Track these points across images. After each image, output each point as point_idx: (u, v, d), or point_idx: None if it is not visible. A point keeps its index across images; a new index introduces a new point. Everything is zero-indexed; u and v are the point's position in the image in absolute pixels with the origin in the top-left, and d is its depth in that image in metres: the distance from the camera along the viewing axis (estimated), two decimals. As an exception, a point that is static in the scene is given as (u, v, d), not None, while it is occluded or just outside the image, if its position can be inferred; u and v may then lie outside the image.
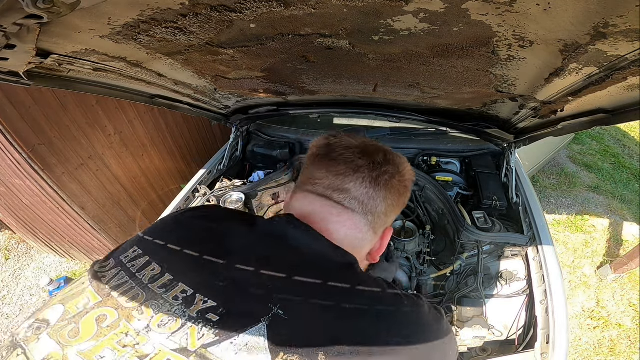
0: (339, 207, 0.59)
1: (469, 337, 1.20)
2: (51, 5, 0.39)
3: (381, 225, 0.63)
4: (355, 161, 0.60)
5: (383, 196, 0.60)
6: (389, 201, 0.61)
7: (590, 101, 0.83)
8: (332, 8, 0.58)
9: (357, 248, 0.60)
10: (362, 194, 0.59)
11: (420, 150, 1.85)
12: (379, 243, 0.65)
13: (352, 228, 0.59)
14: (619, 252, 2.99)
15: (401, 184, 0.64)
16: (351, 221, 0.59)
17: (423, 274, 1.39)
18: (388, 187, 0.61)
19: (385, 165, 0.62)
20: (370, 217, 0.60)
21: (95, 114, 2.36)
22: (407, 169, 0.67)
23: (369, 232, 0.61)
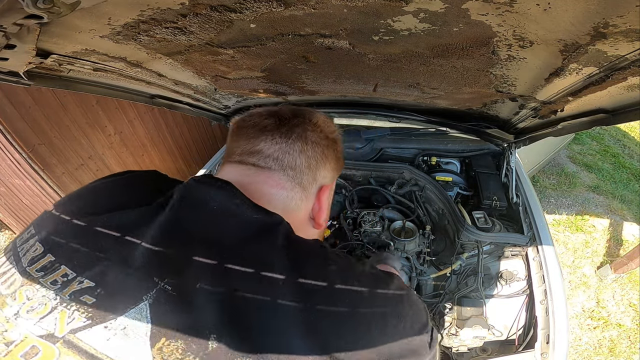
0: (253, 169, 0.56)
1: (469, 337, 1.20)
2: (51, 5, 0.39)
3: (310, 180, 0.59)
4: (262, 122, 0.59)
5: (299, 149, 0.58)
6: (309, 153, 0.58)
7: (590, 101, 0.83)
8: (332, 8, 0.58)
9: (289, 209, 0.56)
10: (274, 150, 0.56)
11: (420, 150, 1.85)
12: (317, 204, 0.61)
13: (273, 186, 0.55)
14: (619, 252, 2.99)
15: (319, 135, 0.61)
16: (270, 179, 0.55)
17: (423, 274, 1.39)
18: (303, 139, 0.58)
19: (294, 119, 0.60)
20: (291, 172, 0.56)
21: (95, 114, 2.36)
22: (321, 119, 0.64)
23: (295, 188, 0.57)
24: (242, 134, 0.59)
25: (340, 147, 0.67)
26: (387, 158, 1.89)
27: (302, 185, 0.58)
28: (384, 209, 1.61)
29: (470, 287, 1.33)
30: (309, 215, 0.61)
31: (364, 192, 1.77)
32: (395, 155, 1.89)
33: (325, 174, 0.62)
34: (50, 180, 2.18)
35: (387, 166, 1.75)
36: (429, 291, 1.42)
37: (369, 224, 1.50)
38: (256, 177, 0.55)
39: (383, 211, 1.59)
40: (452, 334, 1.24)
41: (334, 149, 0.64)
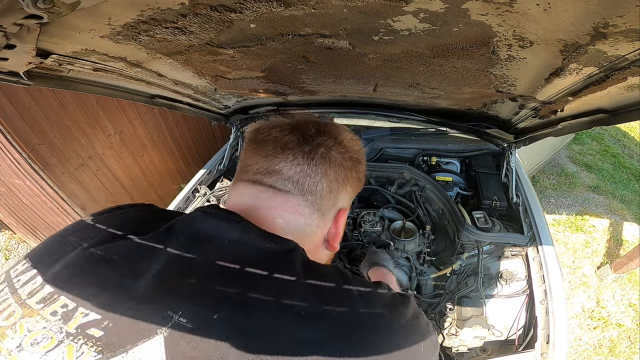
0: (270, 191, 0.52)
1: (469, 337, 1.20)
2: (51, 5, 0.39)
3: (329, 205, 0.55)
4: (283, 138, 0.54)
5: (322, 172, 0.53)
6: (332, 177, 0.54)
7: (590, 101, 0.83)
8: (332, 8, 0.58)
9: (304, 235, 0.53)
10: (295, 172, 0.52)
11: (420, 150, 1.85)
12: (333, 228, 0.58)
13: (290, 212, 0.52)
14: (619, 252, 2.99)
15: (343, 156, 0.56)
16: (287, 204, 0.52)
17: (423, 274, 1.39)
18: (326, 161, 0.54)
19: (319, 137, 0.55)
20: (311, 198, 0.53)
21: (95, 114, 2.36)
22: (348, 137, 0.59)
23: (312, 214, 0.53)
24: (261, 149, 0.54)
25: (363, 167, 0.62)
26: (387, 158, 1.89)
27: (321, 211, 0.54)
28: (384, 209, 1.61)
29: (470, 287, 1.33)
30: (324, 238, 0.58)
31: (364, 192, 1.77)
32: (395, 155, 1.89)
33: (345, 196, 0.58)
34: (50, 180, 2.18)
35: (387, 166, 1.75)
36: (429, 291, 1.42)
37: (369, 224, 1.50)
38: (272, 202, 0.52)
39: (383, 211, 1.59)
40: (452, 334, 1.24)
41: (357, 170, 0.60)
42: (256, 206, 0.52)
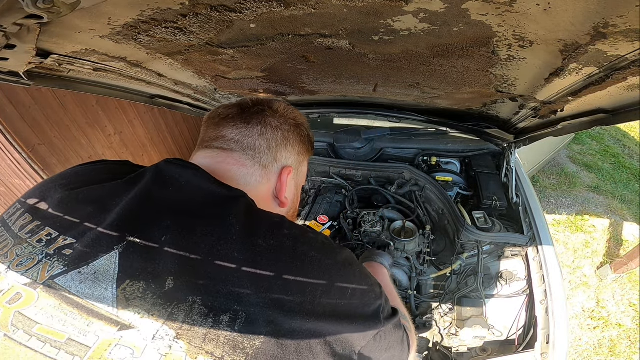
0: (218, 151, 0.64)
1: (469, 337, 1.20)
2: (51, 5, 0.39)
3: (270, 160, 0.66)
4: (226, 112, 0.67)
5: (258, 132, 0.65)
6: (269, 135, 0.66)
7: (590, 101, 0.83)
8: (332, 8, 0.58)
9: (250, 184, 0.63)
10: (236, 134, 0.64)
11: (420, 150, 1.85)
12: (279, 183, 0.68)
13: (234, 164, 0.63)
14: (619, 252, 2.99)
15: (278, 120, 0.68)
16: (230, 158, 0.63)
17: (423, 274, 1.39)
18: (261, 123, 0.66)
19: (254, 107, 0.68)
20: (250, 152, 0.64)
21: (95, 114, 2.36)
22: (282, 106, 0.71)
23: (254, 166, 0.64)
24: (210, 123, 0.68)
25: (305, 131, 0.73)
26: (387, 158, 1.89)
27: (261, 163, 0.65)
28: (384, 209, 1.61)
29: (470, 287, 1.33)
30: (272, 193, 0.68)
31: (364, 192, 1.77)
32: (395, 155, 1.89)
33: (287, 155, 0.69)
34: (50, 180, 2.18)
35: (387, 166, 1.75)
36: (429, 291, 1.42)
37: (369, 224, 1.50)
38: (219, 158, 0.63)
39: (383, 211, 1.59)
40: (452, 334, 1.24)
41: (296, 133, 0.71)
42: (208, 163, 0.62)
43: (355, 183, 1.82)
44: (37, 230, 0.49)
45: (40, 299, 0.42)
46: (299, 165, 0.73)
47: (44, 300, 0.42)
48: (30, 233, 0.49)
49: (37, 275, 0.44)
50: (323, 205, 1.69)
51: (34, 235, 0.48)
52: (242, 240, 0.47)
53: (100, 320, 0.41)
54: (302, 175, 0.77)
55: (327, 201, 1.73)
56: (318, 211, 1.65)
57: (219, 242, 0.46)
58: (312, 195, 1.82)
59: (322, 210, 1.66)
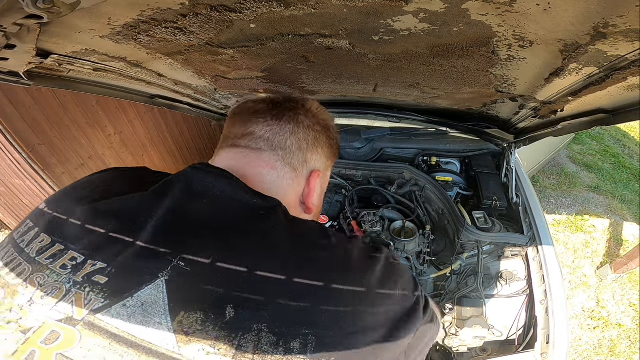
0: (246, 151, 0.58)
1: (469, 337, 1.21)
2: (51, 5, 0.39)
3: (300, 161, 0.60)
4: (256, 107, 0.62)
5: (290, 130, 0.60)
6: (301, 136, 0.60)
7: (590, 101, 0.83)
8: (332, 8, 0.58)
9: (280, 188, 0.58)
10: (265, 131, 0.58)
11: (420, 150, 1.85)
12: (307, 187, 0.62)
13: (263, 167, 0.57)
14: (619, 252, 2.99)
15: (311, 120, 0.63)
16: (260, 159, 0.57)
17: (423, 274, 1.39)
18: (294, 121, 0.60)
19: (286, 103, 0.62)
20: (281, 152, 0.58)
21: (95, 114, 2.36)
22: (315, 106, 0.66)
23: (284, 168, 0.59)
24: (237, 119, 0.62)
25: (333, 134, 0.68)
26: (387, 158, 1.89)
27: (292, 165, 0.59)
28: (384, 209, 1.61)
29: (470, 287, 1.33)
30: (299, 199, 0.63)
31: (364, 192, 1.77)
32: (395, 155, 1.89)
33: (317, 158, 0.64)
34: (50, 180, 2.18)
35: (387, 166, 1.75)
36: (429, 291, 1.42)
37: (369, 224, 1.50)
38: (248, 159, 0.57)
39: (383, 211, 1.59)
40: (452, 334, 1.24)
41: (326, 136, 0.66)
42: (235, 165, 0.57)
43: (355, 183, 1.82)
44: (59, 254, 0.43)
45: (83, 338, 0.37)
46: (326, 170, 0.68)
47: (90, 339, 0.37)
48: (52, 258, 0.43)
49: (71, 310, 0.38)
50: (323, 205, 1.70)
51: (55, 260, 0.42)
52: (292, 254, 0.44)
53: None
54: (326, 181, 0.71)
55: (327, 201, 1.73)
56: (318, 211, 1.65)
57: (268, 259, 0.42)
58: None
59: (322, 210, 1.66)
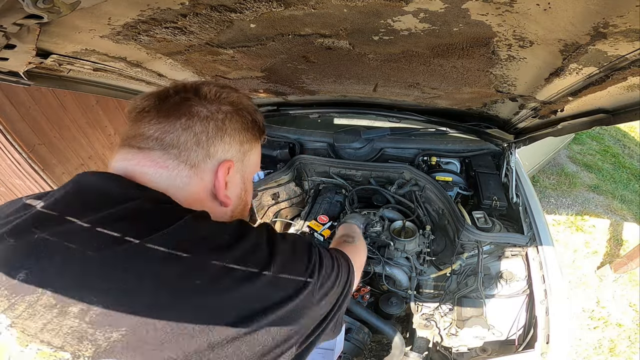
0: (134, 151, 0.55)
1: (469, 337, 1.20)
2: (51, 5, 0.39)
3: (201, 157, 0.56)
4: (142, 104, 0.58)
5: (182, 125, 0.55)
6: (197, 128, 0.56)
7: (590, 101, 0.83)
8: (332, 8, 0.58)
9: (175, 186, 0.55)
10: (154, 130, 0.55)
11: (420, 150, 1.85)
12: (215, 181, 0.58)
13: (151, 166, 0.54)
14: (619, 252, 2.99)
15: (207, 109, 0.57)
16: (147, 159, 0.54)
17: (423, 274, 1.39)
18: (186, 115, 0.56)
19: (174, 96, 0.58)
20: (174, 150, 0.55)
21: (95, 114, 2.36)
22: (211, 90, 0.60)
23: (179, 165, 0.55)
24: (130, 118, 0.59)
25: (247, 116, 0.62)
26: (387, 158, 1.89)
27: (188, 162, 0.56)
28: (384, 209, 1.61)
29: (470, 287, 1.33)
30: (210, 192, 0.59)
31: (364, 192, 1.77)
32: (395, 155, 1.89)
33: (225, 147, 0.59)
34: (50, 180, 2.18)
35: (387, 166, 1.75)
36: (429, 291, 1.42)
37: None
38: (134, 159, 0.55)
39: (383, 211, 1.59)
40: (452, 334, 1.24)
41: (236, 120, 0.60)
42: (124, 166, 0.55)
43: (355, 183, 1.82)
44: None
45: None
46: (244, 156, 0.63)
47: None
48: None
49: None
50: (323, 205, 1.70)
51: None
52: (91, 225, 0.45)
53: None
54: (251, 165, 0.66)
55: (327, 201, 1.73)
56: (318, 211, 1.65)
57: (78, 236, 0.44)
58: (312, 195, 1.82)
59: (322, 210, 1.66)
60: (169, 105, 0.57)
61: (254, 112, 0.63)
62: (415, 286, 1.36)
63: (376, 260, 1.39)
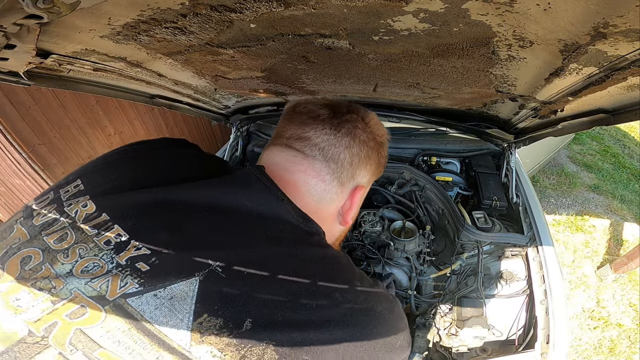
0: (299, 155, 0.57)
1: (469, 337, 1.20)
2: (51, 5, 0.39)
3: (349, 177, 0.60)
4: (317, 111, 0.60)
5: (346, 144, 0.59)
6: (354, 151, 0.59)
7: (590, 101, 0.83)
8: (332, 8, 0.58)
9: (323, 201, 0.58)
10: (322, 140, 0.58)
11: (420, 150, 1.85)
12: (349, 202, 0.62)
13: (313, 176, 0.57)
14: (619, 252, 2.99)
15: (368, 135, 0.62)
16: (312, 168, 0.57)
17: (423, 274, 1.39)
18: (351, 135, 0.59)
19: (348, 114, 0.61)
20: (333, 165, 0.58)
21: (95, 114, 2.36)
22: (374, 120, 0.65)
23: (333, 181, 0.58)
24: (295, 118, 0.61)
25: (384, 152, 0.68)
26: (387, 158, 1.89)
27: (340, 179, 0.59)
28: (384, 209, 1.61)
29: (470, 287, 1.33)
30: (338, 211, 0.62)
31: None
32: (395, 155, 1.89)
33: (364, 174, 0.63)
34: (50, 180, 2.18)
35: (387, 166, 1.75)
36: (429, 291, 1.42)
37: (369, 224, 1.50)
38: (300, 166, 0.57)
39: (383, 211, 1.59)
40: (452, 334, 1.24)
41: (378, 153, 0.65)
42: (286, 168, 0.57)
43: (355, 183, 1.81)
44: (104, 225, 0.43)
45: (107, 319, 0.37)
46: (368, 185, 0.68)
47: (112, 321, 0.37)
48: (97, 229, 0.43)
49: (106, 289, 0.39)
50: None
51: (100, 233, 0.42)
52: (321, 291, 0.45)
53: (171, 354, 0.37)
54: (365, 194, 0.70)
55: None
56: (318, 211, 1.65)
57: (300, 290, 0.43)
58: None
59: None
60: (340, 121, 0.59)
61: (387, 151, 0.69)
62: (415, 286, 1.36)
63: (376, 261, 1.39)
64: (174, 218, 0.45)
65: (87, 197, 0.47)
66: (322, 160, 0.57)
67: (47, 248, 0.42)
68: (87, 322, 0.37)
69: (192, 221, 0.45)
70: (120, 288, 0.39)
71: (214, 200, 0.48)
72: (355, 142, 0.60)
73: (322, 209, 0.56)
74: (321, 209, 0.56)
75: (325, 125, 0.58)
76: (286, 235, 0.48)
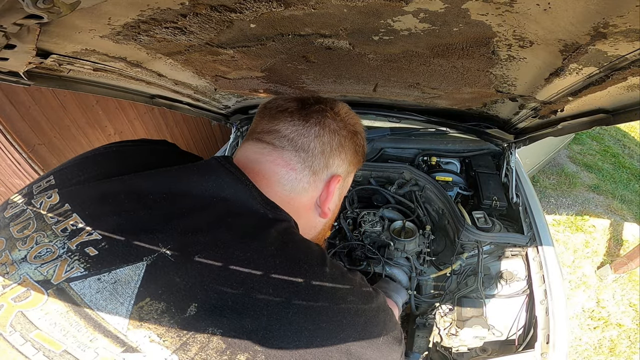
0: (268, 147, 0.58)
1: (469, 337, 1.20)
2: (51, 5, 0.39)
3: (321, 166, 0.60)
4: (285, 105, 0.62)
5: (315, 133, 0.59)
6: (325, 139, 0.60)
7: (590, 101, 0.83)
8: (332, 8, 0.58)
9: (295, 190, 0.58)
10: (291, 131, 0.59)
11: (420, 150, 1.85)
12: (325, 192, 0.62)
13: (282, 165, 0.57)
14: (619, 252, 2.99)
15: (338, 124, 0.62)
16: (281, 158, 0.58)
17: (423, 274, 1.39)
18: (320, 125, 0.60)
19: (315, 104, 0.62)
20: (303, 154, 0.58)
21: (95, 114, 2.36)
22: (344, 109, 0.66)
23: (304, 170, 0.58)
24: (266, 114, 0.63)
25: (360, 140, 0.68)
26: (387, 158, 1.89)
27: (312, 168, 0.59)
28: (384, 209, 1.61)
29: (470, 287, 1.33)
30: (315, 202, 0.62)
31: (364, 192, 1.77)
32: (395, 155, 1.89)
33: (339, 163, 0.63)
34: (50, 180, 2.19)
35: (387, 166, 1.75)
36: (429, 291, 1.42)
37: (369, 224, 1.50)
38: (269, 156, 0.58)
39: (383, 211, 1.59)
40: (452, 334, 1.24)
41: (352, 141, 0.65)
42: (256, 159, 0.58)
43: (355, 183, 1.82)
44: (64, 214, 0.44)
45: (48, 302, 0.38)
46: (347, 176, 0.68)
47: (52, 304, 0.38)
48: (56, 218, 0.43)
49: (52, 273, 0.39)
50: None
51: (59, 221, 0.43)
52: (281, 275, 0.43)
53: (106, 338, 0.37)
54: (346, 186, 0.71)
55: (327, 201, 1.73)
56: (318, 211, 1.65)
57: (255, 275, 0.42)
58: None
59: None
60: (308, 111, 0.61)
61: (364, 139, 0.70)
62: (415, 286, 1.36)
63: (376, 261, 1.39)
64: (131, 204, 0.45)
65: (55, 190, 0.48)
66: (291, 150, 0.58)
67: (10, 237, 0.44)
68: (29, 305, 0.38)
69: (147, 206, 0.45)
70: (65, 272, 0.39)
71: (172, 186, 0.48)
72: (325, 131, 0.60)
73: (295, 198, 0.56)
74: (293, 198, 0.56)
75: (293, 117, 0.60)
76: (248, 221, 0.47)
